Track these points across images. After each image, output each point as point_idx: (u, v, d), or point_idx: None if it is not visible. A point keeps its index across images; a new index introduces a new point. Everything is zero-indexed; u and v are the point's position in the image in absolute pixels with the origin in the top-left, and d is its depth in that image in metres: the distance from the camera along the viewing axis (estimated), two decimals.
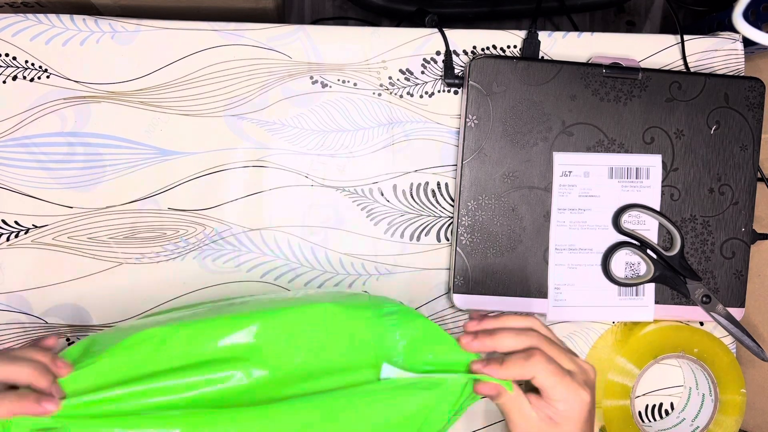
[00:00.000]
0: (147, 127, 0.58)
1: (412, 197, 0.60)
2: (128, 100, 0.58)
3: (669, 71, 0.59)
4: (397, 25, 0.66)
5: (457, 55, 0.60)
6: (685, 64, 0.61)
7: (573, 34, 0.61)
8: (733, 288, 0.59)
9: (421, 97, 0.60)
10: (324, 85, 0.59)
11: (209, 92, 0.58)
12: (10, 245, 0.58)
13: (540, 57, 0.60)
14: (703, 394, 0.61)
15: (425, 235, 0.60)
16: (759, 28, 0.55)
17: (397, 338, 0.47)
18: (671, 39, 0.62)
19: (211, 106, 0.58)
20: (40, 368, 0.41)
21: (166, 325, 0.45)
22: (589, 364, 0.48)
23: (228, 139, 0.58)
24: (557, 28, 0.87)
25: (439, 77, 0.60)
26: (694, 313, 0.59)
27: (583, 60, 0.60)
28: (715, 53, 0.62)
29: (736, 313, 0.59)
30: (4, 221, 0.57)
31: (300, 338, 0.46)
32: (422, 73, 0.60)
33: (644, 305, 0.59)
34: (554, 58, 0.60)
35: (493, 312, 0.61)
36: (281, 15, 0.72)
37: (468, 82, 0.57)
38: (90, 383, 0.42)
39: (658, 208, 0.58)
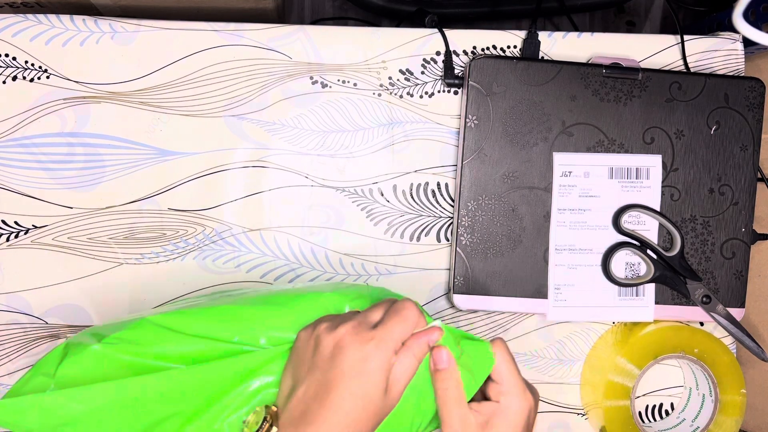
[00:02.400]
0: (147, 127, 0.58)
1: (412, 197, 0.60)
2: (128, 100, 0.58)
3: (669, 71, 0.59)
4: (397, 26, 0.66)
5: (457, 55, 0.60)
6: (685, 64, 0.61)
7: (573, 35, 0.61)
8: (733, 288, 0.59)
9: (421, 97, 0.60)
10: (324, 86, 0.59)
11: (209, 92, 0.58)
12: (9, 245, 0.58)
13: (540, 57, 0.60)
14: (704, 395, 0.61)
15: (425, 236, 0.60)
16: (759, 28, 0.55)
17: None
18: (671, 39, 0.62)
19: (211, 107, 0.58)
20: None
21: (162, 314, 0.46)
22: (534, 388, 0.47)
23: (228, 140, 0.58)
24: (557, 29, 0.87)
25: (439, 77, 0.60)
26: (694, 313, 0.59)
27: (583, 60, 0.60)
28: (715, 53, 0.62)
29: (737, 313, 0.59)
30: (4, 221, 0.57)
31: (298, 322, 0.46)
32: (422, 73, 0.60)
33: (644, 305, 0.59)
34: (554, 59, 0.60)
35: (493, 312, 0.61)
36: (281, 15, 0.72)
37: (468, 82, 0.57)
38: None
39: (658, 209, 0.58)
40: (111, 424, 0.42)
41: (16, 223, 0.58)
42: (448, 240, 0.60)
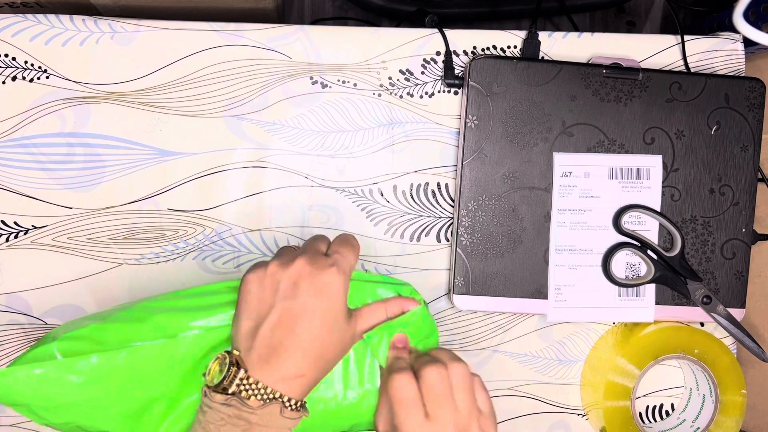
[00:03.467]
0: (147, 128, 0.58)
1: (412, 198, 0.60)
2: (128, 100, 0.58)
3: (669, 71, 0.58)
4: (397, 26, 0.66)
5: (457, 55, 0.60)
6: (686, 64, 0.61)
7: (573, 35, 0.61)
8: (733, 289, 0.59)
9: (421, 97, 0.60)
10: (324, 86, 0.59)
11: (209, 92, 0.58)
12: (9, 246, 0.57)
13: (540, 57, 0.60)
14: (704, 395, 0.61)
15: (425, 236, 0.60)
16: (759, 28, 0.55)
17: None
18: (671, 39, 0.62)
19: (211, 107, 0.58)
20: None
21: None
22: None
23: (228, 140, 0.58)
24: (557, 29, 0.87)
25: (439, 77, 0.60)
26: (694, 313, 0.59)
27: (584, 60, 0.60)
28: (715, 53, 0.62)
29: (737, 313, 0.59)
30: (3, 222, 0.57)
31: None
32: (422, 73, 0.60)
33: (645, 306, 0.58)
34: (554, 59, 0.60)
35: (493, 313, 0.61)
36: (281, 15, 0.72)
37: (468, 82, 0.57)
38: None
39: (658, 209, 0.58)
40: (102, 402, 0.43)
41: (15, 223, 0.57)
42: (448, 240, 0.60)
